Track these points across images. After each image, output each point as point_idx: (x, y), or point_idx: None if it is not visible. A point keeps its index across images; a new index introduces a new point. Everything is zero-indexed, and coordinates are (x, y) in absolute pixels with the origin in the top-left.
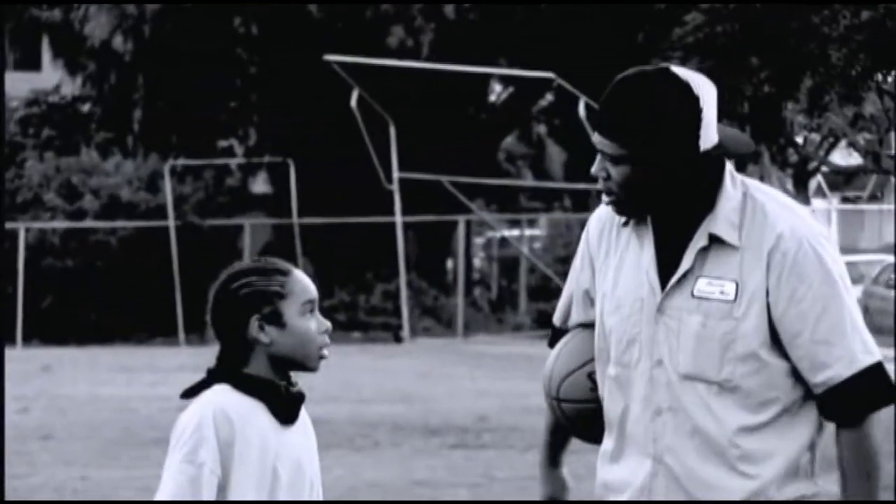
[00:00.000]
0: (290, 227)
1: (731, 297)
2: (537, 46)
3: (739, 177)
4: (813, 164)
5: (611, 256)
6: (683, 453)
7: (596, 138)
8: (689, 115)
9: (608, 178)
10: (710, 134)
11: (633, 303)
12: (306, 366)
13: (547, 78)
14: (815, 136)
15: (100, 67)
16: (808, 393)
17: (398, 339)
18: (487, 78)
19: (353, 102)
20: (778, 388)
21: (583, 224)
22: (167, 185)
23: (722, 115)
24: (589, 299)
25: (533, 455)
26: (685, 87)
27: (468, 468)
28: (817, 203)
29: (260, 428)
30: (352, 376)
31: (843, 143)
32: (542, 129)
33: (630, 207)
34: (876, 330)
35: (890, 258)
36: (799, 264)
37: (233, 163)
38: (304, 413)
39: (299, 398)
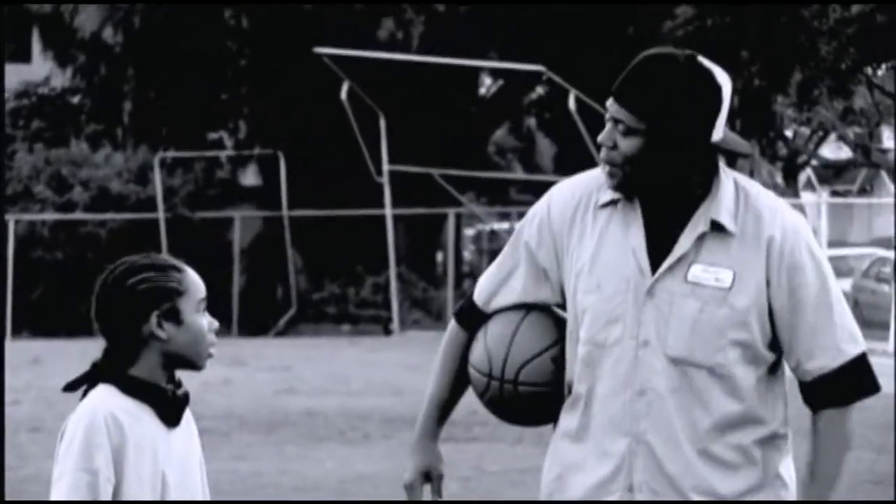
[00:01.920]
0: (280, 220)
1: (727, 284)
2: (527, 39)
3: (727, 169)
4: (802, 158)
5: (586, 237)
6: (667, 434)
7: (613, 107)
8: (711, 102)
9: (614, 147)
10: (721, 126)
11: (619, 283)
12: (196, 364)
13: (537, 71)
14: (805, 130)
15: (90, 59)
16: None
17: (388, 332)
18: (477, 71)
19: (344, 95)
20: (766, 379)
21: None
22: (157, 177)
23: None
24: (544, 276)
25: (523, 448)
26: (710, 75)
27: (458, 461)
28: (807, 196)
29: (148, 432)
30: (342, 369)
31: (832, 136)
32: (532, 122)
33: (629, 181)
34: (865, 323)
35: (879, 252)
36: (795, 256)
37: (223, 155)
38: (188, 414)
39: (185, 400)
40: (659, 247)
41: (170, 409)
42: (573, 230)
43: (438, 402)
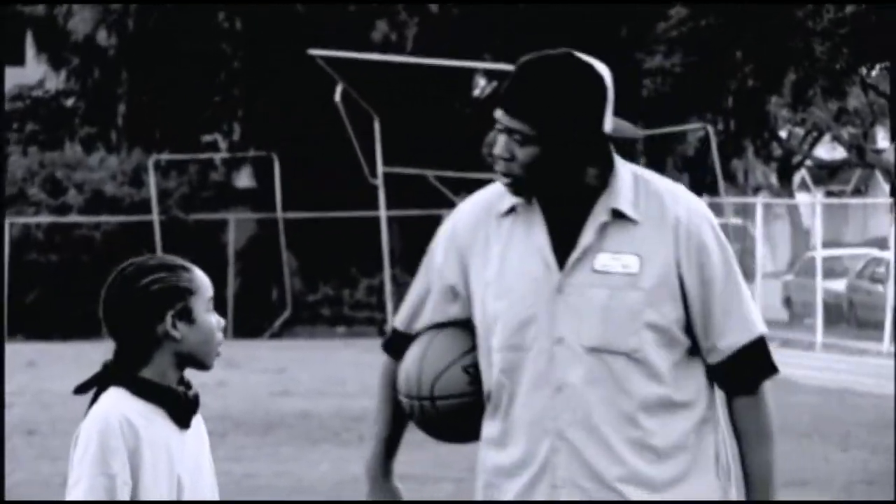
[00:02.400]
0: (274, 222)
1: (635, 269)
2: (521, 40)
3: (622, 160)
4: (797, 158)
5: (492, 245)
6: (588, 427)
7: (503, 119)
8: (596, 95)
9: (512, 158)
10: (610, 116)
11: (528, 284)
12: (206, 363)
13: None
14: (800, 130)
15: (84, 62)
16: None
17: (383, 334)
18: (472, 72)
19: (338, 97)
20: (684, 363)
21: None
22: (151, 179)
23: (706, 110)
24: (452, 295)
25: None
26: (590, 69)
27: (453, 462)
28: (801, 197)
29: (162, 434)
30: (336, 371)
31: (827, 136)
32: None
33: (531, 188)
34: (860, 324)
35: (874, 252)
36: (702, 237)
37: (217, 157)
38: (198, 416)
39: (196, 402)
40: (563, 243)
41: (182, 410)
42: (477, 242)
43: (384, 439)
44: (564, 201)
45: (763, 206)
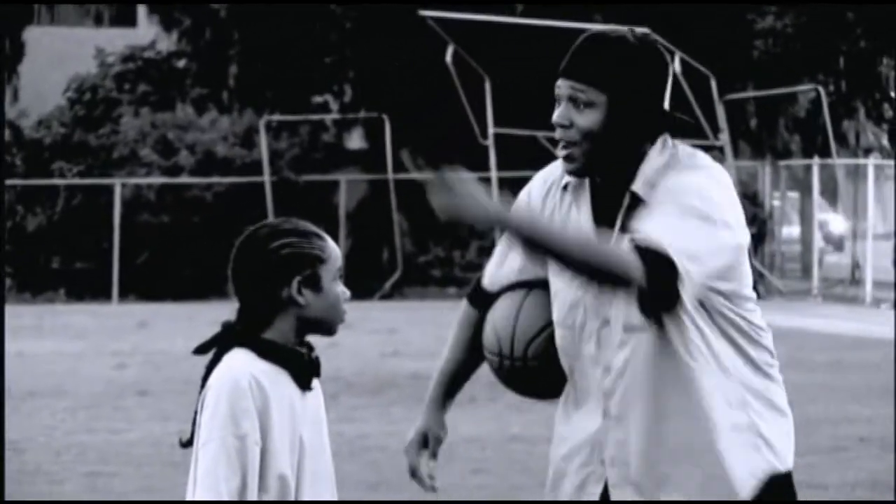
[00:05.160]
0: (385, 183)
1: None
2: (632, 2)
3: (670, 144)
4: None
5: (555, 217)
6: (634, 406)
7: (565, 86)
8: (662, 71)
9: (570, 126)
10: (668, 98)
11: None
12: (331, 330)
13: (642, 33)
14: None
15: (195, 23)
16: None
17: None
18: (582, 33)
19: (449, 58)
20: (700, 318)
21: None
22: (263, 140)
23: (818, 71)
24: None
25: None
26: (655, 45)
27: None
28: None
29: (287, 395)
30: (447, 331)
31: None
32: None
33: (587, 159)
34: None
35: None
36: (672, 190)
37: (328, 118)
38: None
39: (317, 365)
40: (605, 225)
41: (305, 373)
42: (545, 211)
43: (446, 372)
44: (611, 181)
45: (874, 168)
